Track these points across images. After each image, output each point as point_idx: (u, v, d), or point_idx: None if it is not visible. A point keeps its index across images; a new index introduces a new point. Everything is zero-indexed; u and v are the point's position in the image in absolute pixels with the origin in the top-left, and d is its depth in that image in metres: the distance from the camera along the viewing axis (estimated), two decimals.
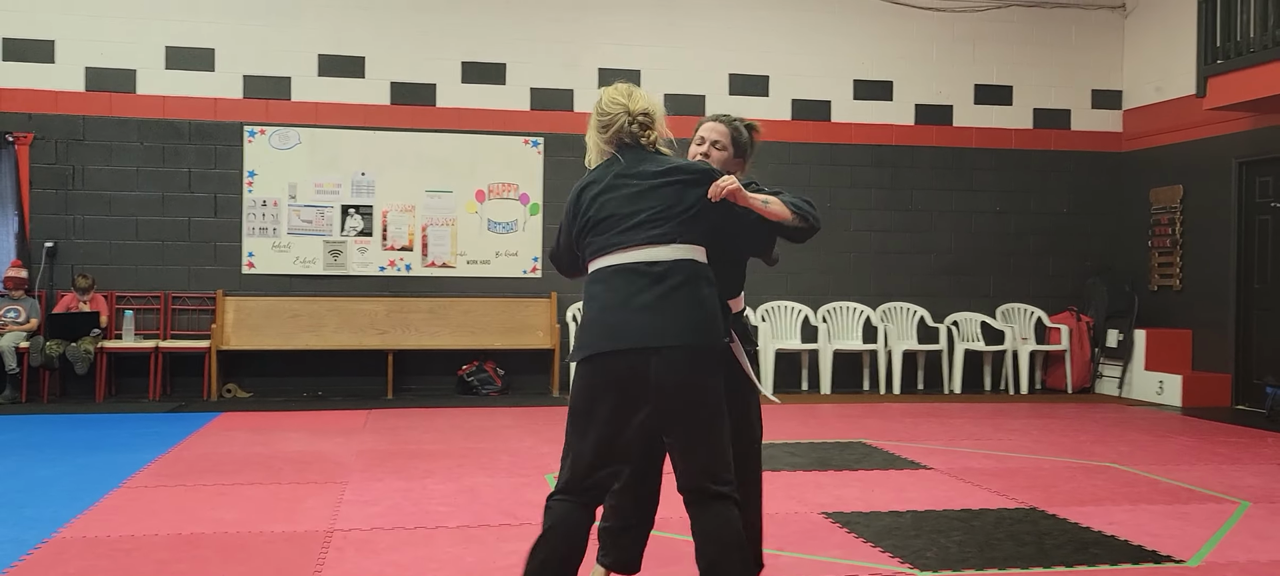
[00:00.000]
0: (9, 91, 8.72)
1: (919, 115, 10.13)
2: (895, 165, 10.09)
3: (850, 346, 9.70)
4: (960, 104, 10.18)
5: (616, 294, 2.82)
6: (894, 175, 10.09)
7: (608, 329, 2.80)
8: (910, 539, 4.20)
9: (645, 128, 3.01)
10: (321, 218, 9.26)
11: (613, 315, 2.81)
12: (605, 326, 2.80)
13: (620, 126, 2.99)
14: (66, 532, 4.19)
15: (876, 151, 10.04)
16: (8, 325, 8.41)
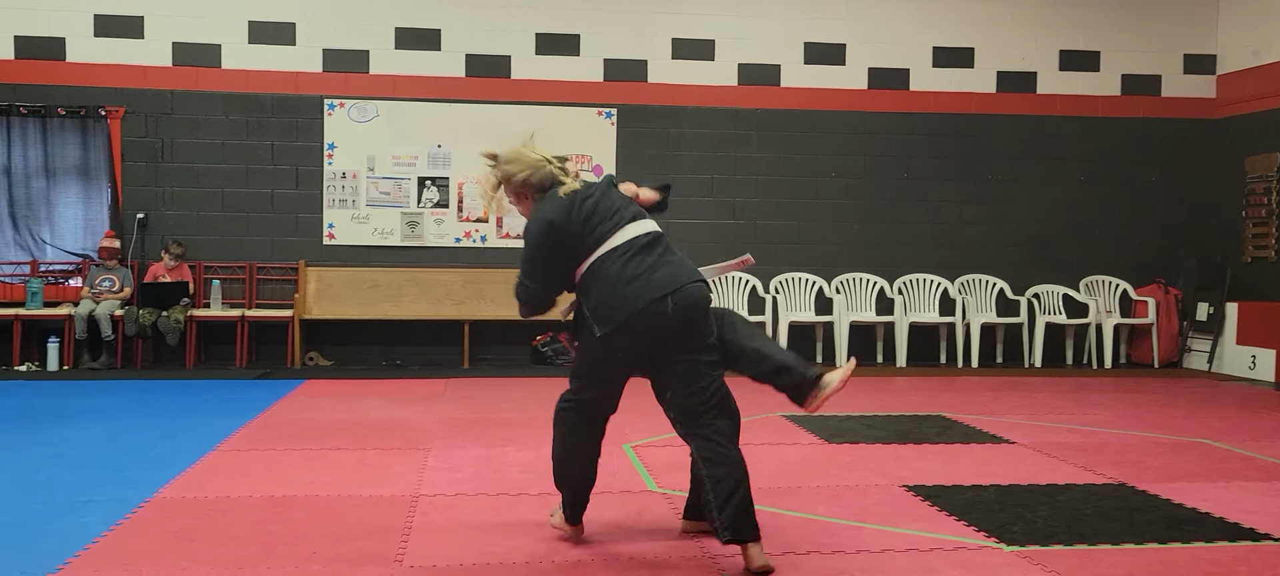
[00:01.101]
0: (101, 67, 8.98)
1: (1001, 82, 9.90)
2: (975, 134, 9.89)
3: (927, 319, 9.57)
4: (1044, 70, 9.93)
5: (626, 267, 3.37)
6: (974, 144, 9.89)
7: (626, 299, 3.33)
8: (995, 513, 4.14)
9: (563, 165, 3.65)
10: (399, 190, 9.39)
11: (628, 286, 3.35)
12: (624, 297, 3.33)
13: (548, 172, 3.58)
14: (166, 492, 4.34)
15: (956, 120, 9.85)
16: (103, 293, 8.71)
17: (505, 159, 3.62)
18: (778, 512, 4.12)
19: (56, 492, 4.33)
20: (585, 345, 3.48)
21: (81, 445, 5.35)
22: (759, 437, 5.75)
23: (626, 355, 3.43)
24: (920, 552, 3.61)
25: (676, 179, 9.49)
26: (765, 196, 9.73)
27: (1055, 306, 9.79)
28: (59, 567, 3.34)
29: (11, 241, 8.96)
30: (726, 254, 9.71)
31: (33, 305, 8.65)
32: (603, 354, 3.43)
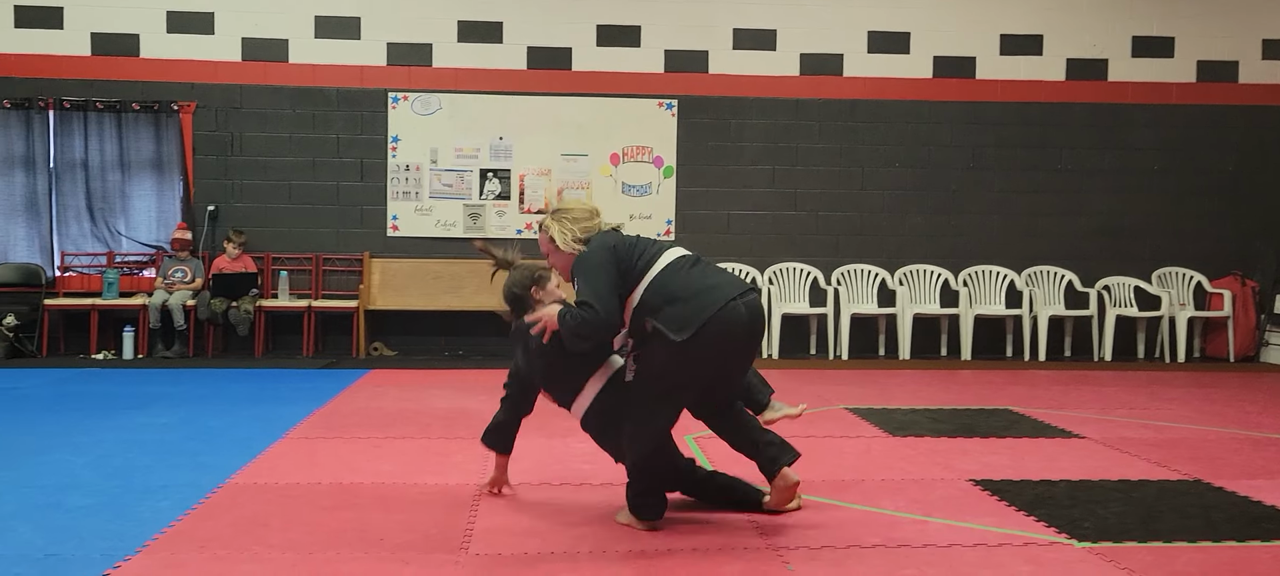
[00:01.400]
0: (173, 63, 9.19)
1: (1070, 70, 9.68)
2: (1044, 123, 9.69)
3: (992, 311, 9.42)
4: (1116, 57, 9.69)
5: (691, 277, 3.56)
6: (1042, 134, 9.69)
7: (702, 303, 3.47)
8: (1065, 508, 4.06)
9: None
10: (461, 181, 9.48)
11: (702, 293, 3.50)
12: (700, 302, 3.48)
13: (596, 224, 3.79)
14: (238, 478, 4.43)
15: (1023, 109, 9.67)
16: (175, 284, 8.92)
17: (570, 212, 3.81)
18: (841, 505, 4.09)
19: (134, 477, 4.45)
20: (655, 367, 3.53)
21: (156, 431, 5.48)
22: (821, 430, 5.71)
23: (703, 360, 3.49)
24: (988, 547, 3.55)
25: (737, 170, 9.53)
26: (827, 187, 9.64)
27: (1126, 299, 9.57)
28: (138, 549, 3.43)
29: (89, 233, 9.21)
30: (788, 247, 9.71)
31: (109, 295, 8.90)
32: (680, 361, 3.48)
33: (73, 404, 6.40)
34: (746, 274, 9.47)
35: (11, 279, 9.10)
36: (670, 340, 3.43)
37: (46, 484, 4.31)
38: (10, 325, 8.64)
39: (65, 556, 3.36)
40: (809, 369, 8.62)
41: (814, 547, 3.51)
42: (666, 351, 3.46)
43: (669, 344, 3.44)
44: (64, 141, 9.15)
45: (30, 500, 4.05)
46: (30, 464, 4.68)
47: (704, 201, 9.57)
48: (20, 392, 6.85)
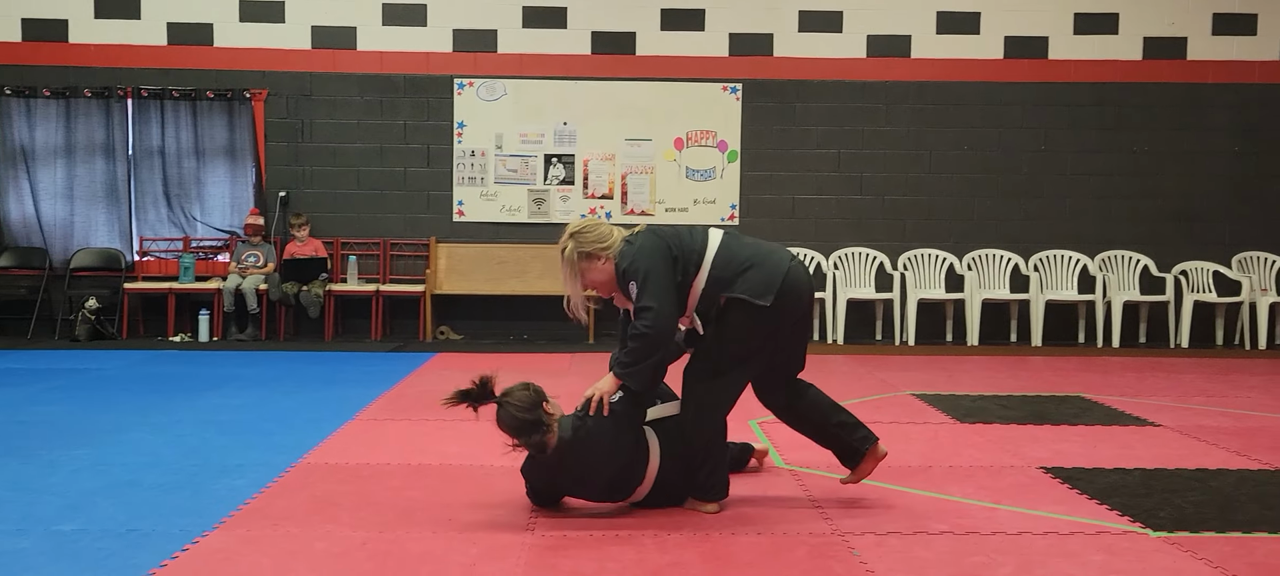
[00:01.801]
0: (245, 51, 9.37)
1: (1147, 49, 9.42)
2: (1119, 104, 9.44)
3: (1064, 297, 9.22)
4: (1196, 35, 9.40)
5: (751, 247, 3.63)
6: (1117, 115, 9.45)
7: (775, 266, 3.57)
8: (1140, 497, 3.97)
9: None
10: (526, 167, 9.54)
11: (769, 256, 3.61)
12: (773, 265, 3.57)
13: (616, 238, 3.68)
14: (311, 458, 4.53)
15: (1098, 90, 9.43)
16: (248, 268, 9.12)
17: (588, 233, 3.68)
18: (908, 491, 4.04)
19: (210, 456, 4.57)
20: (734, 337, 3.54)
21: (231, 412, 5.62)
22: (888, 415, 5.66)
23: (783, 321, 3.58)
24: (1060, 536, 3.48)
25: (802, 154, 9.46)
26: (893, 171, 9.52)
27: (1205, 284, 9.30)
28: (215, 525, 3.52)
29: (166, 219, 9.46)
30: (854, 231, 9.61)
31: (185, 279, 9.13)
32: (764, 325, 3.53)
33: (151, 385, 6.59)
34: (811, 259, 9.39)
35: (93, 263, 9.39)
36: (755, 306, 3.48)
37: (127, 462, 4.45)
38: (92, 308, 8.92)
39: (145, 531, 3.47)
40: (874, 355, 8.53)
41: (880, 533, 3.48)
42: (749, 318, 3.51)
43: (752, 310, 3.49)
44: (141, 129, 9.40)
45: (112, 477, 4.18)
46: (112, 442, 4.84)
47: (768, 186, 9.51)
48: (102, 373, 7.07)
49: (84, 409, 5.71)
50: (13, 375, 6.95)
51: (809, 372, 3.95)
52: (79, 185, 9.42)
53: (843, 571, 3.11)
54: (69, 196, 9.42)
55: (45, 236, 9.42)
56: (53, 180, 9.41)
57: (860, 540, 3.41)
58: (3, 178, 9.37)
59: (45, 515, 3.65)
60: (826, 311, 9.28)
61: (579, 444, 3.47)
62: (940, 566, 3.16)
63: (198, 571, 3.07)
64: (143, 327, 9.33)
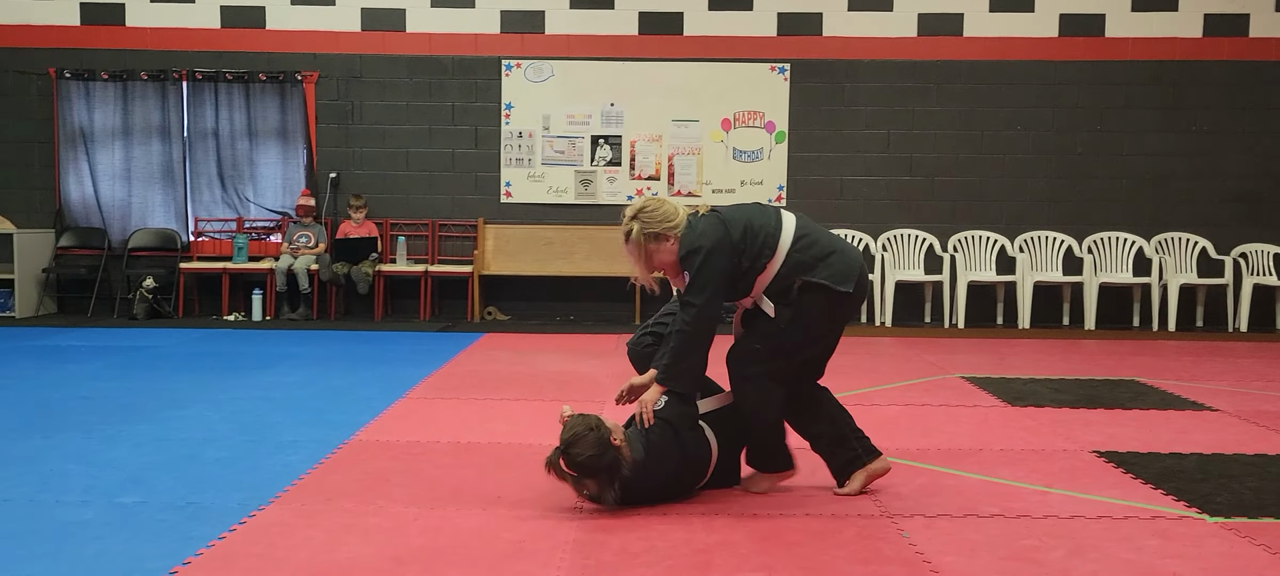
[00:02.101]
0: (297, 33, 9.48)
1: (1208, 26, 9.19)
2: (1177, 83, 9.24)
3: (1118, 280, 9.06)
4: (1259, 11, 9.15)
5: (830, 236, 3.61)
6: (1176, 93, 9.25)
7: (851, 257, 3.57)
8: (1196, 482, 3.90)
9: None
10: (573, 148, 9.56)
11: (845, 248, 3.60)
12: (849, 256, 3.57)
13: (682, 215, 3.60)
14: (362, 435, 4.60)
15: (1156, 68, 9.23)
16: (300, 249, 9.25)
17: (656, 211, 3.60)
18: (958, 474, 4.01)
19: (265, 432, 4.65)
20: (816, 312, 3.52)
21: (285, 389, 5.72)
22: (938, 398, 5.61)
23: (851, 311, 3.62)
24: (1114, 520, 3.44)
25: (851, 135, 9.37)
26: (944, 152, 9.40)
27: (1265, 267, 9.09)
28: (270, 499, 3.59)
29: (220, 199, 9.62)
30: (903, 213, 9.52)
31: (239, 259, 9.29)
32: (839, 312, 3.57)
33: (207, 362, 6.72)
34: (859, 241, 9.32)
35: (150, 243, 9.58)
36: (837, 292, 3.48)
37: (186, 437, 4.55)
38: (150, 287, 9.10)
39: (204, 504, 3.54)
40: (923, 337, 8.46)
41: (929, 516, 3.46)
42: (827, 303, 3.50)
43: (831, 295, 3.48)
44: (196, 111, 9.55)
45: (172, 452, 4.28)
46: (171, 418, 4.94)
47: (816, 167, 9.45)
48: (160, 351, 7.22)
49: (143, 385, 5.84)
50: (74, 352, 7.12)
51: (856, 354, 3.94)
52: (136, 166, 9.61)
53: (892, 553, 3.10)
54: (127, 177, 9.62)
55: (104, 217, 9.62)
56: (111, 161, 9.60)
57: (909, 522, 3.40)
58: (63, 159, 9.58)
59: (108, 487, 3.74)
60: (875, 294, 9.21)
61: (651, 460, 3.42)
62: (991, 549, 3.14)
63: (255, 544, 3.13)
64: (198, 306, 9.52)
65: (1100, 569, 2.98)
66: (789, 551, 3.11)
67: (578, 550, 3.10)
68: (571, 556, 3.05)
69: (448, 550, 3.10)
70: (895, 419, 5.06)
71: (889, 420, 5.02)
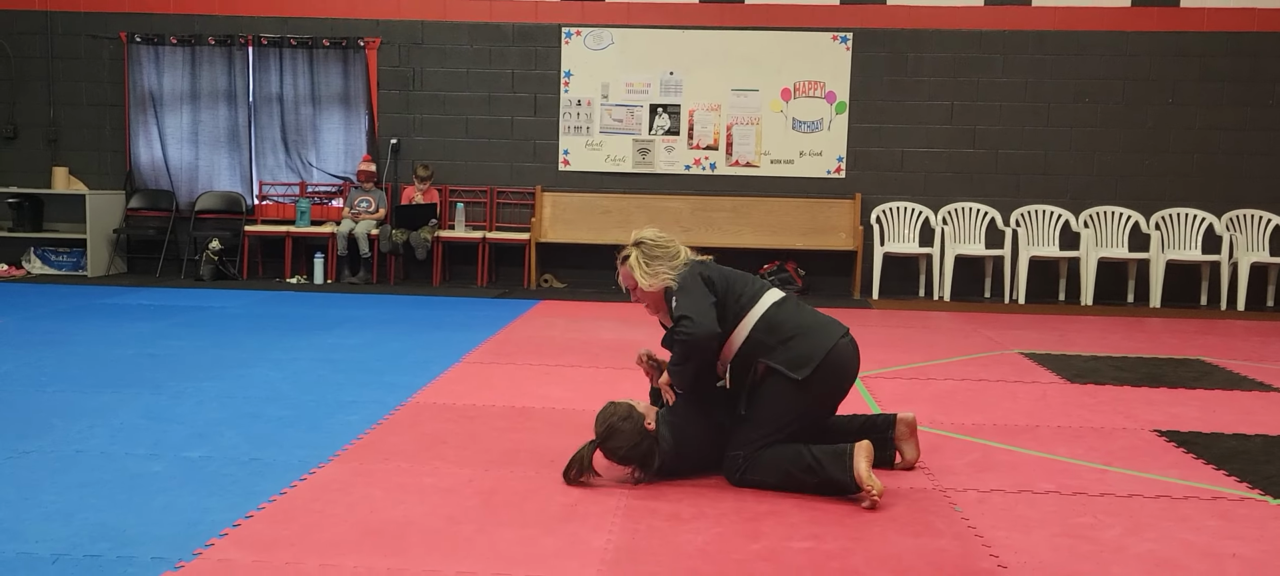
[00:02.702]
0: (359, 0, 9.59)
1: None
2: (1256, 54, 8.96)
3: (1186, 257, 8.85)
4: None
5: (800, 316, 3.49)
6: (1254, 65, 8.97)
7: (818, 341, 3.41)
8: (1260, 464, 3.82)
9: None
10: (631, 117, 9.55)
11: (815, 331, 3.46)
12: (816, 340, 3.42)
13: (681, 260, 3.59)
14: (420, 398, 4.68)
15: (1233, 39, 8.96)
16: (361, 214, 9.39)
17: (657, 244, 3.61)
18: (1013, 449, 3.97)
19: (326, 392, 4.76)
20: (775, 408, 3.39)
21: (345, 351, 5.83)
22: (995, 374, 5.55)
23: (819, 397, 3.43)
24: (1172, 499, 3.38)
25: (913, 106, 9.24)
26: (1009, 124, 9.23)
27: None
28: (330, 458, 3.68)
29: (283, 164, 9.79)
30: (965, 185, 9.39)
31: (301, 223, 9.46)
32: (801, 399, 3.38)
33: (270, 323, 6.87)
34: (919, 214, 9.21)
35: (216, 206, 9.79)
36: (789, 379, 3.35)
37: (250, 395, 4.66)
38: (216, 249, 9.31)
39: (267, 460, 3.64)
40: (982, 312, 8.35)
41: (983, 491, 3.44)
42: (787, 390, 3.37)
43: (789, 382, 3.36)
44: (261, 76, 9.71)
45: (236, 410, 4.39)
46: (236, 376, 5.07)
47: (877, 138, 9.34)
48: (226, 311, 7.40)
49: (209, 344, 5.99)
50: (144, 310, 7.33)
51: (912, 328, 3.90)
52: (203, 130, 9.81)
53: (943, 526, 3.08)
54: (194, 141, 9.82)
55: (172, 179, 9.85)
56: (179, 125, 9.81)
57: (962, 496, 3.37)
58: (134, 122, 9.81)
59: (175, 442, 3.86)
60: (934, 268, 9.11)
61: (683, 442, 3.45)
62: (1045, 525, 3.11)
63: (315, 499, 3.21)
64: (262, 269, 9.72)
65: (1157, 548, 2.94)
66: (839, 522, 3.11)
67: (628, 515, 3.14)
68: (622, 520, 3.08)
69: (501, 511, 3.15)
70: (950, 393, 5.02)
71: (944, 394, 4.98)
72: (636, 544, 2.89)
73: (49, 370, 5.14)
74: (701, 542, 2.92)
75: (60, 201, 9.72)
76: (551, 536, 2.94)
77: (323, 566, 2.67)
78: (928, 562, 2.79)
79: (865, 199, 9.31)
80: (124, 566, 2.65)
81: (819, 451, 3.35)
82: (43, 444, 3.79)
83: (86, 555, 2.72)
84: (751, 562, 2.77)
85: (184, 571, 2.62)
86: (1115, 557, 2.86)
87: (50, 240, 9.75)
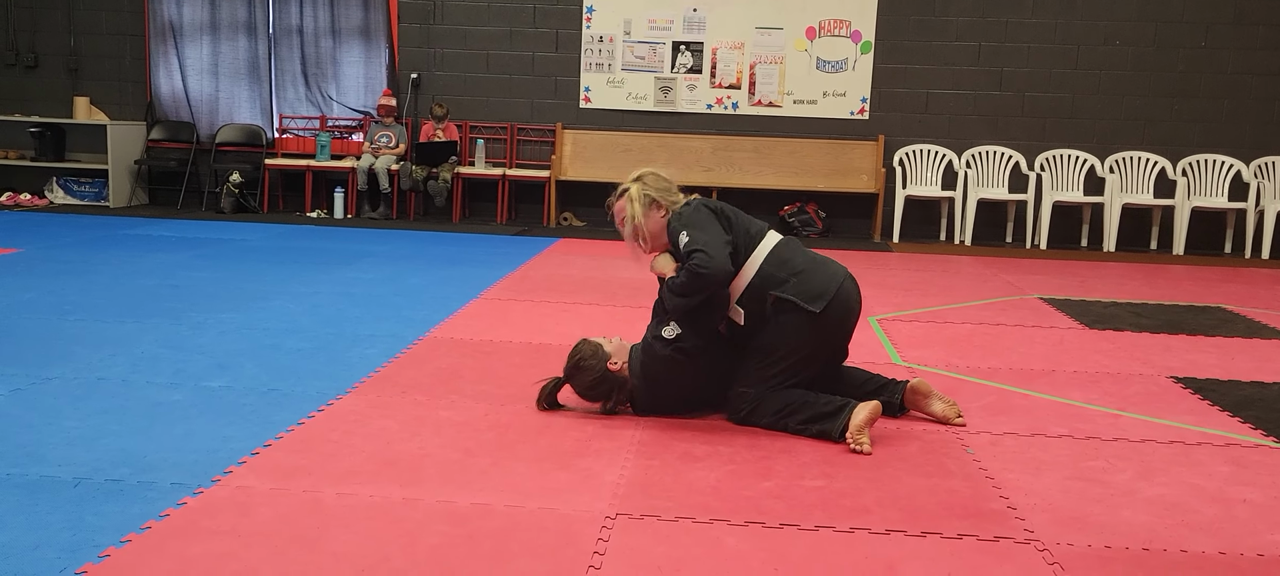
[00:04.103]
0: None
1: None
2: None
3: (1213, 204, 8.74)
4: None
5: (807, 254, 3.51)
6: None
7: (829, 275, 3.43)
8: (1276, 411, 3.80)
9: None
10: (653, 54, 9.46)
11: (824, 265, 3.48)
12: (826, 274, 3.43)
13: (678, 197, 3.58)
14: (437, 333, 4.71)
15: None
16: (381, 149, 9.39)
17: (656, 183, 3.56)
18: (1028, 393, 3.97)
19: (345, 326, 4.79)
20: (787, 340, 3.37)
21: (364, 286, 5.87)
22: (1013, 318, 5.53)
23: (832, 331, 3.44)
24: (1186, 445, 3.38)
25: (940, 47, 9.11)
26: (1037, 66, 9.09)
27: None
28: (348, 389, 3.72)
29: (304, 97, 9.78)
30: (990, 129, 9.27)
31: (321, 157, 9.47)
32: (811, 333, 3.37)
33: (291, 256, 6.91)
34: (943, 157, 9.12)
35: (237, 138, 9.81)
36: (805, 311, 3.34)
37: (270, 327, 4.71)
38: (236, 182, 9.35)
39: (285, 391, 3.68)
40: (1003, 256, 8.30)
41: (996, 433, 3.44)
42: (802, 324, 3.36)
43: (805, 314, 3.35)
44: (281, 7, 9.66)
45: (256, 341, 4.44)
46: (256, 308, 5.12)
47: (902, 79, 9.22)
48: (247, 244, 7.45)
49: (230, 276, 6.04)
50: (165, 242, 7.38)
51: (931, 272, 3.87)
52: (223, 62, 9.79)
53: (954, 468, 3.10)
54: (214, 73, 9.82)
55: (192, 111, 9.87)
56: (199, 56, 9.80)
57: (975, 439, 3.38)
58: (154, 53, 9.81)
59: (195, 372, 3.91)
60: (956, 211, 9.04)
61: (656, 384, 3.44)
62: (1056, 468, 3.12)
63: (333, 430, 3.25)
64: (282, 202, 9.75)
65: (1167, 492, 2.94)
66: (852, 463, 3.13)
67: (642, 450, 3.16)
68: (635, 457, 3.11)
69: (515, 445, 3.18)
70: (968, 336, 5.01)
71: (961, 337, 4.97)
72: (649, 479, 2.92)
73: (71, 298, 5.21)
74: (714, 479, 2.94)
75: (82, 132, 9.76)
76: (565, 470, 2.97)
77: (339, 495, 2.72)
78: (938, 503, 2.81)
79: (888, 141, 9.22)
80: (144, 491, 2.70)
81: (822, 400, 3.35)
82: (65, 371, 3.85)
83: (108, 480, 2.77)
84: (762, 499, 2.79)
85: (203, 497, 2.67)
86: (1125, 500, 2.87)
87: (72, 170, 9.81)
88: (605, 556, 2.40)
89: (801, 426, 3.34)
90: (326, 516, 2.57)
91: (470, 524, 2.56)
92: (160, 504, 2.61)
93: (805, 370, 3.44)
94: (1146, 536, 2.62)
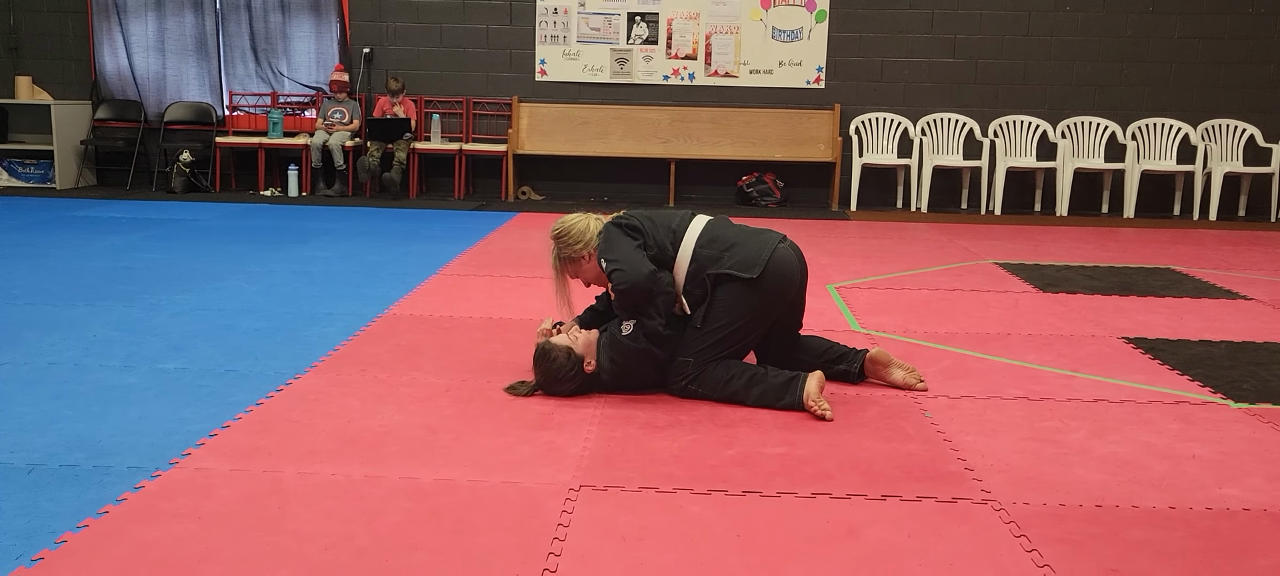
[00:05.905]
0: None
1: None
2: None
3: (1161, 167, 8.89)
4: None
5: (738, 226, 3.58)
6: None
7: (762, 243, 3.47)
8: (1224, 369, 3.90)
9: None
10: (609, 25, 9.41)
11: (756, 235, 3.52)
12: (759, 242, 3.47)
13: (594, 227, 3.63)
14: (396, 310, 4.68)
15: None
16: (335, 125, 9.27)
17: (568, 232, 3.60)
18: (984, 357, 4.03)
19: (302, 305, 4.75)
20: (730, 310, 3.40)
21: (321, 264, 5.81)
22: (969, 283, 5.60)
23: (773, 295, 3.44)
24: (1137, 404, 3.45)
25: (894, 14, 9.15)
26: (989, 33, 9.17)
27: None
28: (307, 368, 3.69)
29: (254, 74, 9.62)
30: (944, 96, 9.33)
31: (274, 134, 9.33)
32: (751, 300, 3.40)
33: (245, 236, 6.82)
34: (898, 125, 9.18)
35: (186, 117, 9.63)
36: (742, 279, 3.39)
37: (225, 307, 4.65)
38: (187, 161, 9.19)
39: (243, 372, 3.65)
40: (959, 223, 8.39)
41: (953, 397, 3.49)
42: (740, 292, 3.40)
43: (742, 283, 3.39)
44: None
45: (211, 322, 4.38)
46: (210, 288, 5.05)
47: (857, 47, 9.26)
48: (198, 224, 7.33)
49: (183, 257, 5.95)
50: (115, 223, 7.25)
51: (888, 239, 3.91)
52: (170, 38, 9.60)
53: (913, 431, 3.14)
54: (160, 49, 9.62)
55: (139, 89, 9.67)
56: (144, 33, 9.60)
57: (932, 402, 3.43)
58: (98, 30, 9.59)
59: (150, 354, 3.85)
60: (911, 179, 9.11)
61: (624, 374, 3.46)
62: (1012, 429, 3.17)
63: (293, 409, 3.23)
64: (234, 181, 9.61)
65: (1119, 450, 3.01)
66: (812, 429, 3.16)
67: (604, 422, 3.17)
68: (598, 427, 3.12)
69: (478, 420, 3.18)
70: (924, 302, 5.07)
71: (918, 304, 5.03)
72: (612, 451, 2.93)
73: (19, 282, 5.10)
74: (676, 448, 2.96)
75: (25, 112, 9.54)
76: (528, 443, 2.98)
77: (300, 474, 2.70)
78: (896, 466, 2.85)
79: (844, 110, 9.26)
80: (101, 476, 2.66)
81: (771, 372, 3.39)
82: (15, 356, 3.78)
83: (62, 465, 2.73)
84: (726, 467, 2.82)
85: (161, 480, 2.64)
86: (1079, 459, 2.93)
87: (16, 152, 9.59)
88: (569, 527, 2.41)
89: (755, 401, 3.37)
90: (288, 496, 2.56)
91: (434, 499, 2.56)
92: (117, 488, 2.58)
93: (746, 338, 3.48)
94: (1100, 493, 2.68)
